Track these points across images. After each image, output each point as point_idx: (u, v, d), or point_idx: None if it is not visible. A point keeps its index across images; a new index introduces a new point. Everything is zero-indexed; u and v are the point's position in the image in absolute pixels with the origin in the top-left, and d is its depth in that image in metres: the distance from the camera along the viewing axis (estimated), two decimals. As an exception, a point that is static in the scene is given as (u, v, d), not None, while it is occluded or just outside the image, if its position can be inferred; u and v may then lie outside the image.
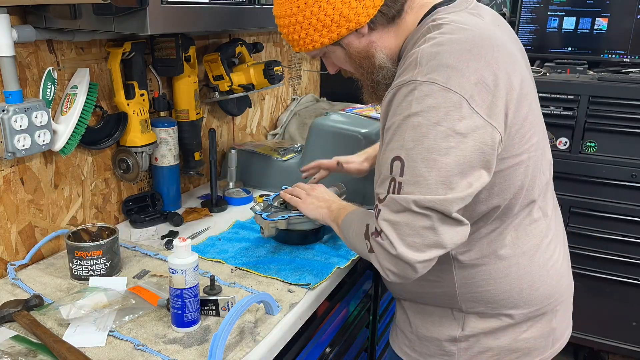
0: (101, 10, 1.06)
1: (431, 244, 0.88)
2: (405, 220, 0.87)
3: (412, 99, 0.87)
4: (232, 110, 1.85)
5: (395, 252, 0.88)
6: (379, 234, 0.91)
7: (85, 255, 1.16)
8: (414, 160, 0.86)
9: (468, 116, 0.85)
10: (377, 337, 1.69)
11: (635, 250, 2.21)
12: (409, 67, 0.90)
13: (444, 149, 0.85)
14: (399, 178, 0.88)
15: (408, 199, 0.86)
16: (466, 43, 0.89)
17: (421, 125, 0.85)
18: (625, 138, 2.13)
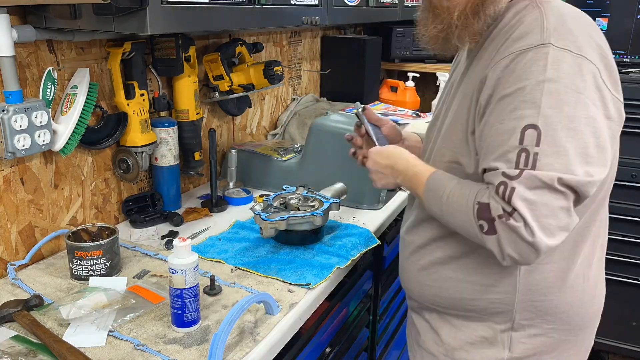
0: (101, 10, 1.06)
1: (563, 226, 0.81)
2: (545, 199, 0.79)
3: (545, 64, 0.82)
4: (232, 110, 1.85)
5: (532, 238, 0.79)
6: (510, 215, 0.80)
7: (85, 255, 1.16)
8: (553, 128, 0.79)
9: (602, 87, 0.84)
10: (377, 337, 1.69)
11: (635, 250, 2.22)
12: (533, 31, 0.85)
13: (584, 119, 0.81)
14: (535, 148, 0.80)
15: (552, 176, 0.78)
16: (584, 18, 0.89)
17: (559, 92, 0.80)
18: (625, 138, 2.11)
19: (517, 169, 0.80)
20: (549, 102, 0.80)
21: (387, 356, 1.83)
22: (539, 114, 0.80)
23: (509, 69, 0.85)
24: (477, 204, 0.85)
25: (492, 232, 0.83)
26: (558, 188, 0.79)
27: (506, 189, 0.80)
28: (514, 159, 0.81)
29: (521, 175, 0.80)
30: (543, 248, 0.80)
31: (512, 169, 0.81)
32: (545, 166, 0.79)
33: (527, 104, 0.82)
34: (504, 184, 0.81)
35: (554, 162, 0.79)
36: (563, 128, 0.80)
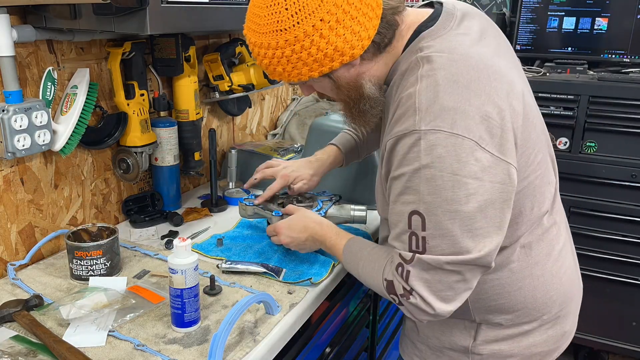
0: (101, 10, 1.06)
1: (462, 291, 0.89)
2: (438, 277, 0.87)
3: (419, 150, 0.83)
4: (232, 110, 1.85)
5: (433, 311, 0.89)
6: (410, 293, 0.90)
7: (85, 255, 1.16)
8: (434, 213, 0.84)
9: (481, 158, 0.83)
10: (377, 337, 1.69)
11: (635, 250, 2.21)
12: (407, 113, 0.86)
13: (464, 197, 0.82)
14: (422, 233, 0.86)
15: (440, 260, 0.85)
16: (462, 78, 0.85)
17: (435, 177, 0.83)
18: (625, 138, 2.13)
19: (410, 252, 0.88)
20: (427, 188, 0.84)
21: (387, 356, 1.83)
22: (420, 200, 0.85)
23: (393, 152, 0.89)
24: (385, 280, 0.95)
25: (401, 304, 0.93)
26: (448, 268, 0.86)
27: (403, 271, 0.90)
28: (406, 241, 0.88)
29: (413, 260, 0.88)
30: (445, 314, 0.90)
31: (406, 252, 0.89)
32: (433, 248, 0.86)
33: (409, 189, 0.86)
34: (401, 266, 0.90)
35: (441, 243, 0.85)
36: (444, 212, 0.83)
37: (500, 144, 0.85)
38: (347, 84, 0.96)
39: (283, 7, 0.85)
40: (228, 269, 1.21)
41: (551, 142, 1.12)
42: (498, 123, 0.85)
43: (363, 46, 0.90)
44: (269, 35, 0.88)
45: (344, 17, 0.86)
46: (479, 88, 0.85)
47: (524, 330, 1.05)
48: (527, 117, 0.92)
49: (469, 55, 0.89)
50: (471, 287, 0.90)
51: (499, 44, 0.99)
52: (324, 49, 0.88)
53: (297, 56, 0.89)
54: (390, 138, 0.89)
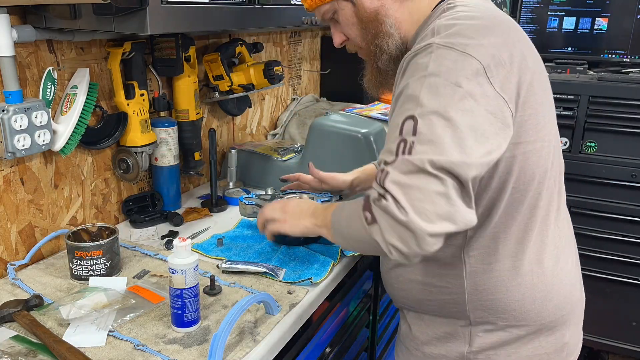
0: (101, 10, 1.06)
1: (443, 214, 0.78)
2: (418, 183, 0.78)
3: (428, 60, 0.84)
4: (232, 110, 1.85)
5: (405, 217, 0.77)
6: (382, 197, 0.80)
7: (85, 255, 1.16)
8: (428, 118, 0.80)
9: (484, 83, 0.83)
10: (377, 337, 1.69)
11: (635, 250, 2.22)
12: (425, 38, 0.89)
13: (460, 110, 0.80)
14: (411, 137, 0.80)
15: (423, 159, 0.78)
16: (483, 20, 0.89)
17: (438, 85, 0.82)
18: (625, 138, 2.13)
19: (394, 157, 0.82)
20: (427, 94, 0.82)
21: (387, 356, 1.83)
22: (417, 105, 0.82)
23: (402, 71, 0.90)
24: (364, 199, 0.87)
25: (373, 221, 0.82)
26: (431, 171, 0.78)
27: (382, 174, 0.82)
28: (394, 149, 0.82)
29: (396, 161, 0.81)
30: (420, 232, 0.77)
31: (391, 157, 0.82)
32: (419, 152, 0.79)
33: (409, 97, 0.84)
34: (382, 171, 0.83)
35: (428, 149, 0.79)
36: (439, 117, 0.80)
37: (502, 82, 0.85)
38: (367, 14, 0.99)
39: None
40: (228, 269, 1.21)
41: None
42: (506, 65, 0.86)
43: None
44: None
45: None
46: (497, 32, 0.89)
47: (521, 336, 1.02)
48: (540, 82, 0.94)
49: (493, 11, 0.94)
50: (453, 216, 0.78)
51: None
52: None
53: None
54: (405, 57, 0.90)
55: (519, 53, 0.89)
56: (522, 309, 1.00)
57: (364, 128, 1.65)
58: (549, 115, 0.98)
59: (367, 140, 1.63)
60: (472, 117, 0.81)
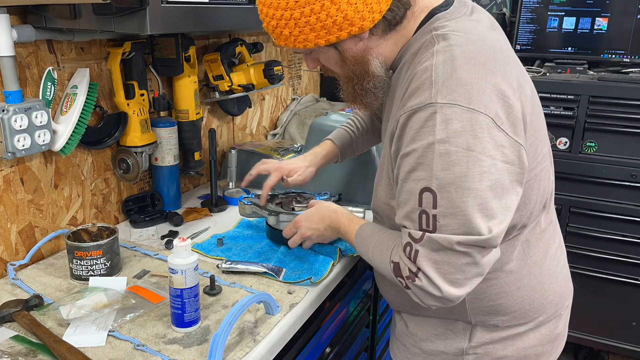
0: (101, 10, 1.06)
1: (472, 277, 0.85)
2: (447, 259, 0.83)
3: (434, 124, 0.81)
4: (232, 110, 1.85)
5: (440, 294, 0.85)
6: (415, 275, 0.86)
7: (85, 255, 1.16)
8: (447, 190, 0.81)
9: (496, 136, 0.81)
10: (377, 337, 1.69)
11: (635, 250, 2.21)
12: (422, 87, 0.84)
13: (478, 175, 0.80)
14: (432, 211, 0.82)
15: (451, 240, 0.82)
16: (480, 57, 0.85)
17: (450, 153, 0.81)
18: (625, 138, 2.13)
19: (420, 231, 0.85)
20: (440, 164, 0.81)
21: (387, 356, 1.83)
22: (432, 176, 0.82)
23: (406, 128, 0.86)
24: (392, 262, 0.92)
25: (407, 288, 0.90)
26: (458, 249, 0.82)
27: (412, 250, 0.86)
28: (416, 220, 0.85)
29: (423, 239, 0.84)
30: (454, 299, 0.86)
31: (416, 231, 0.85)
32: (444, 227, 0.82)
33: (421, 166, 0.84)
34: (410, 246, 0.86)
35: (452, 222, 0.82)
36: (457, 189, 0.81)
37: (513, 125, 0.84)
38: (353, 58, 0.95)
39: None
40: (228, 269, 1.21)
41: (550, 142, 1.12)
42: (512, 103, 0.85)
43: (373, 19, 0.89)
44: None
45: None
46: (495, 67, 0.85)
47: (519, 332, 1.04)
48: (535, 106, 0.93)
49: (485, 37, 0.90)
50: (482, 272, 0.86)
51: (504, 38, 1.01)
52: (334, 15, 0.87)
53: (305, 20, 0.88)
54: (403, 113, 0.87)
55: (516, 83, 0.88)
56: (522, 310, 1.03)
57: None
58: (544, 136, 0.98)
59: (367, 140, 1.62)
60: (490, 176, 0.81)
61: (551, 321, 1.07)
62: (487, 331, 1.04)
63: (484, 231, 0.81)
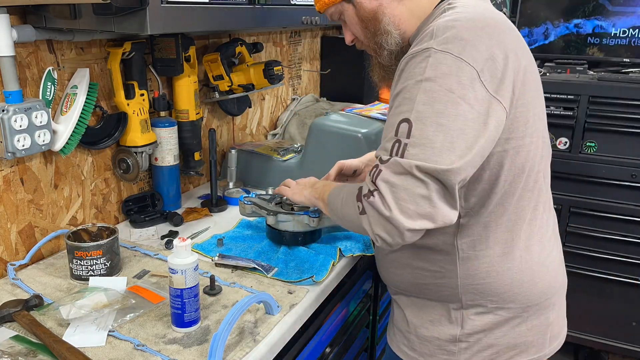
0: (101, 10, 1.06)
1: (424, 214, 0.86)
2: (405, 184, 0.86)
3: (425, 65, 0.89)
4: (232, 110, 1.85)
5: (388, 213, 0.87)
6: (372, 194, 0.89)
7: (85, 255, 1.16)
8: (422, 122, 0.87)
9: (477, 89, 0.88)
10: (377, 337, 1.69)
11: (635, 250, 2.21)
12: (424, 39, 0.93)
13: (453, 115, 0.86)
14: (405, 140, 0.87)
15: (411, 163, 0.86)
16: (479, 22, 0.93)
17: (433, 90, 0.87)
18: (625, 138, 2.13)
19: (389, 156, 0.89)
20: (422, 98, 0.88)
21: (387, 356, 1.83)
22: (412, 109, 0.88)
23: (400, 72, 0.94)
24: (358, 189, 0.95)
25: (363, 212, 0.92)
26: (417, 175, 0.86)
27: (375, 171, 0.90)
28: (389, 148, 0.90)
29: (389, 162, 0.88)
30: (401, 227, 0.87)
31: (386, 156, 0.90)
32: (411, 155, 0.87)
33: (406, 100, 0.90)
34: (376, 167, 0.90)
35: (419, 152, 0.86)
36: (432, 123, 0.86)
37: (496, 85, 0.90)
38: (366, 14, 1.06)
39: None
40: (219, 261, 1.24)
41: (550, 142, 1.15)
42: (500, 66, 0.91)
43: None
44: None
45: None
46: (493, 33, 0.92)
47: (509, 318, 1.07)
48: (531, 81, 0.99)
49: (491, 11, 0.99)
50: (434, 216, 0.87)
51: None
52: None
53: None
54: (403, 59, 0.94)
55: (513, 54, 0.93)
56: (511, 292, 1.06)
57: (363, 128, 1.65)
58: (539, 112, 1.03)
59: (367, 140, 1.63)
60: (464, 121, 0.87)
61: (541, 311, 1.10)
62: (477, 316, 1.07)
63: (446, 164, 0.85)
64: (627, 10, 2.25)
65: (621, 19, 2.27)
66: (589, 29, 2.33)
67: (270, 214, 1.32)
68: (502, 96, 0.91)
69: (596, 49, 2.34)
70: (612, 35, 2.29)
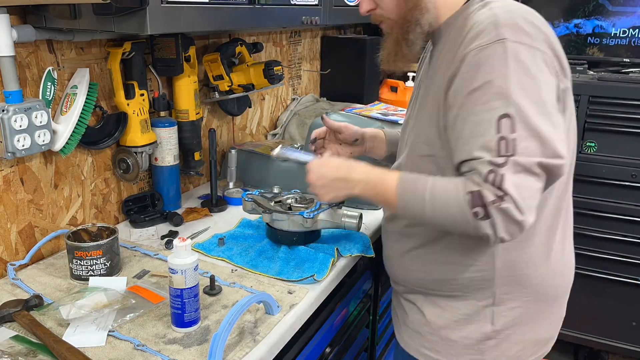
0: (101, 10, 1.06)
1: (535, 207, 0.88)
2: (526, 182, 0.86)
3: (505, 57, 0.88)
4: (232, 110, 1.85)
5: (522, 217, 0.86)
6: (502, 199, 0.86)
7: (85, 255, 1.16)
8: (525, 114, 0.86)
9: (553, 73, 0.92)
10: (377, 337, 1.69)
11: (635, 250, 2.21)
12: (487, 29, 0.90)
13: (550, 102, 0.89)
14: (511, 135, 0.86)
15: (533, 161, 0.86)
16: (532, 17, 0.93)
17: (522, 82, 0.87)
18: (625, 138, 2.13)
19: (502, 157, 0.87)
20: (516, 91, 0.87)
21: (387, 356, 1.83)
22: (509, 103, 0.87)
23: (473, 65, 0.91)
24: (469, 193, 0.89)
25: (486, 217, 0.89)
26: (536, 171, 0.87)
27: (496, 176, 0.87)
28: (495, 147, 0.87)
29: (507, 163, 0.86)
30: (527, 226, 0.88)
31: (497, 157, 0.87)
32: (524, 150, 0.86)
33: (496, 95, 0.88)
34: (494, 172, 0.87)
35: (531, 144, 0.87)
36: (532, 113, 0.87)
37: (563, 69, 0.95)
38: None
39: None
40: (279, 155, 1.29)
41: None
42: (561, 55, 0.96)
43: None
44: None
45: None
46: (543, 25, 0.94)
47: (538, 311, 1.07)
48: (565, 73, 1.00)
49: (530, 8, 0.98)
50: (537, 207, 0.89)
51: None
52: None
53: None
54: (471, 50, 0.91)
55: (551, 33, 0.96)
56: (544, 284, 1.07)
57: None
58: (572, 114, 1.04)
59: (367, 140, 1.62)
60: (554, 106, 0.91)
61: (561, 304, 1.13)
62: (508, 311, 1.05)
63: (563, 153, 0.88)
64: (627, 10, 2.25)
65: (621, 19, 2.27)
66: (589, 29, 2.33)
67: (266, 212, 1.32)
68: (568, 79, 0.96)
69: (596, 49, 2.34)
70: (612, 35, 2.29)
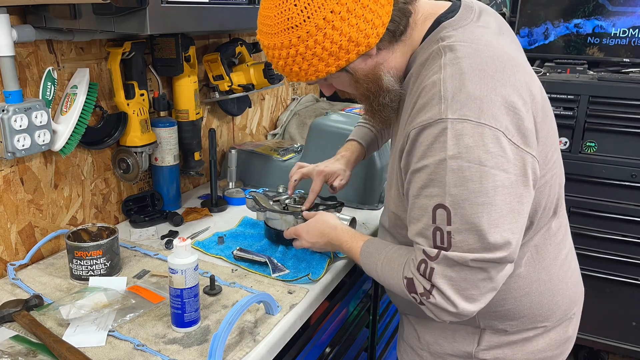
0: (101, 10, 1.06)
1: (487, 291, 0.86)
2: (462, 275, 0.84)
3: (445, 140, 0.81)
4: (232, 110, 1.85)
5: (455, 310, 0.86)
6: (429, 292, 0.87)
7: (85, 255, 1.16)
8: (461, 207, 0.81)
9: (508, 150, 0.81)
10: (377, 337, 1.69)
11: (635, 250, 2.21)
12: (431, 102, 0.84)
13: (492, 190, 0.80)
14: (447, 227, 0.83)
15: (466, 257, 0.82)
16: (488, 68, 0.84)
17: (462, 169, 0.80)
18: (625, 138, 2.13)
19: (435, 248, 0.85)
20: (453, 180, 0.81)
21: (387, 356, 1.83)
22: (445, 193, 0.82)
23: (416, 143, 0.86)
24: (405, 278, 0.92)
25: (422, 304, 0.90)
26: (473, 266, 0.83)
27: (426, 268, 0.87)
28: (430, 237, 0.85)
29: (438, 257, 0.85)
30: (469, 314, 0.87)
31: (430, 248, 0.86)
32: (460, 243, 0.83)
33: (433, 182, 0.83)
34: (425, 263, 0.87)
35: (467, 238, 0.82)
36: (471, 205, 0.81)
37: (525, 136, 0.83)
38: (365, 77, 0.94)
39: (292, 4, 0.85)
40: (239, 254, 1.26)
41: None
42: (523, 115, 0.83)
43: (378, 34, 0.88)
44: (281, 34, 0.87)
45: (354, 6, 0.85)
46: (504, 78, 0.84)
47: (529, 336, 1.04)
48: (546, 111, 0.92)
49: (492, 46, 0.88)
50: (496, 287, 0.87)
51: (513, 41, 0.99)
52: (338, 41, 0.86)
53: (311, 52, 0.88)
54: (413, 128, 0.86)
55: (527, 91, 0.86)
56: (531, 315, 1.02)
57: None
58: (552, 135, 0.97)
59: (367, 140, 1.62)
60: (504, 190, 0.81)
61: (560, 325, 1.07)
62: (495, 335, 1.04)
63: (500, 247, 0.82)
64: (627, 10, 2.25)
65: (621, 19, 2.27)
66: (589, 29, 2.33)
67: (261, 210, 1.33)
68: (530, 146, 0.84)
69: (596, 49, 2.34)
70: (612, 35, 2.29)
